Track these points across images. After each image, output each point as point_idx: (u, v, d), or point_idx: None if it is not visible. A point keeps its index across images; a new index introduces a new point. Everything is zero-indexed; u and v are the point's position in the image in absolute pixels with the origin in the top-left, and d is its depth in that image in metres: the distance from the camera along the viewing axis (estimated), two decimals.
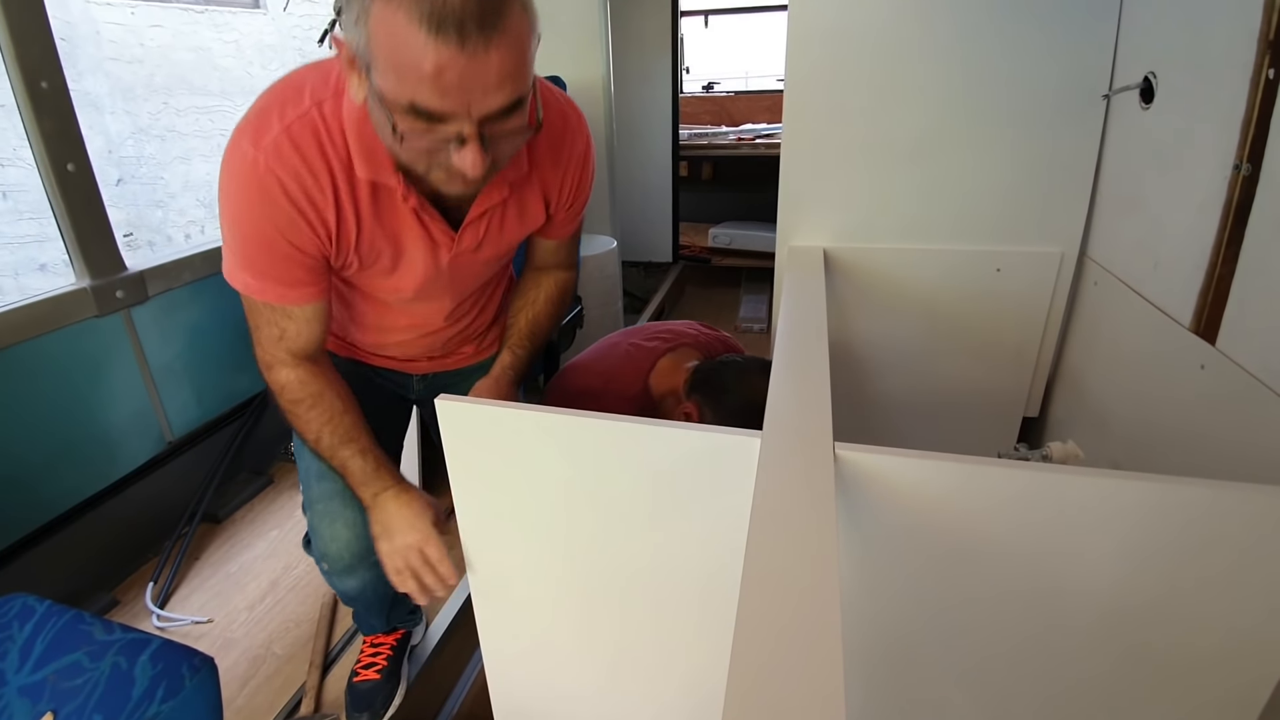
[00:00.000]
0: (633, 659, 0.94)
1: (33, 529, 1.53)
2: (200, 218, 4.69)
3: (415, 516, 0.94)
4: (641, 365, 1.26)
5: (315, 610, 1.59)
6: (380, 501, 0.96)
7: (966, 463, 0.67)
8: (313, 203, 0.83)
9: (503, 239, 0.99)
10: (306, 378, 0.94)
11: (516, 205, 0.97)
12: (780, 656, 0.47)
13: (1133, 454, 1.21)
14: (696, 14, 4.30)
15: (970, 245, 1.53)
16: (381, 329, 1.11)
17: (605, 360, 1.36)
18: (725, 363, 1.18)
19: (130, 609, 1.63)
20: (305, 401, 0.95)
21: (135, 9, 4.36)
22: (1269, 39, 0.88)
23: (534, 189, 0.98)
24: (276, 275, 0.86)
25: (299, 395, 0.94)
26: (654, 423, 0.76)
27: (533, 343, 1.12)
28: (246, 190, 0.81)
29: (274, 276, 0.87)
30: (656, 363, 1.29)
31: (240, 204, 0.82)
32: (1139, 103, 1.24)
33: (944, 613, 0.75)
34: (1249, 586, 0.65)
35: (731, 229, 3.85)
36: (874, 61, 1.44)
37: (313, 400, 0.95)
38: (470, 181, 0.76)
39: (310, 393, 0.94)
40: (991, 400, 1.66)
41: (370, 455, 0.97)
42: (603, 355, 1.39)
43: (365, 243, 0.90)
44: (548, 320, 1.14)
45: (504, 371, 1.07)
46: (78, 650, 0.84)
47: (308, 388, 0.94)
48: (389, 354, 1.17)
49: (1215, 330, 0.98)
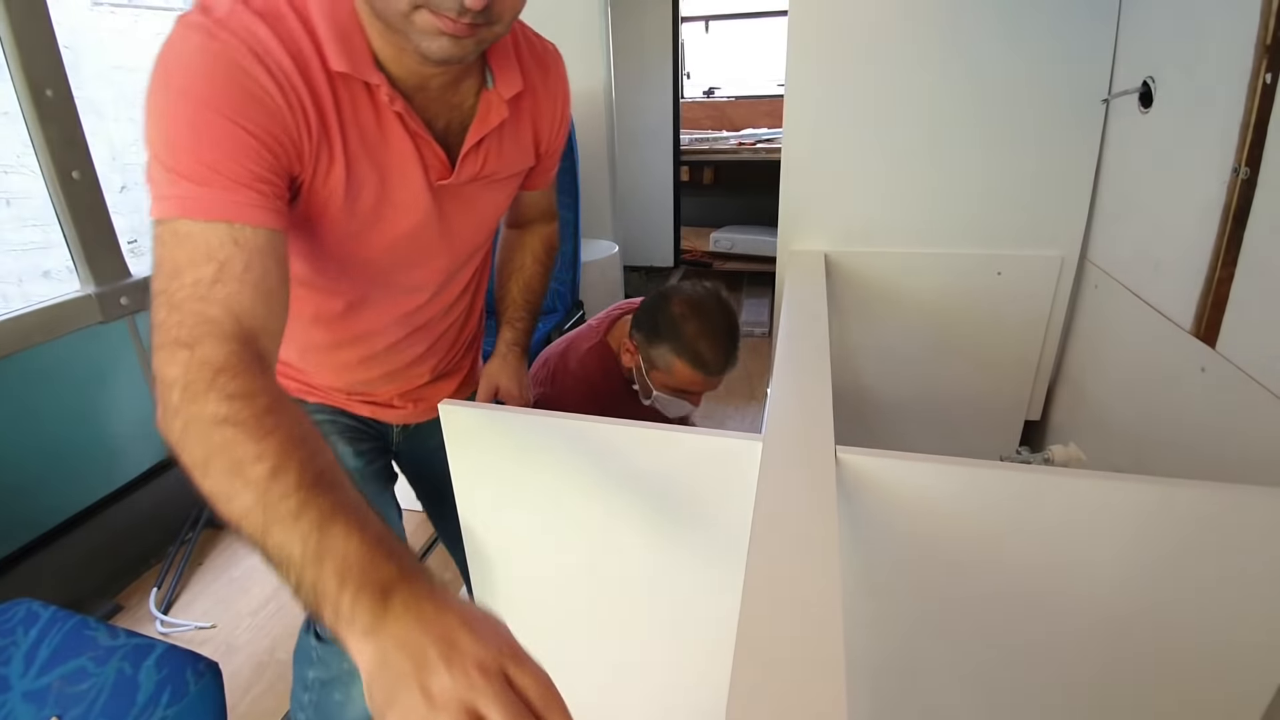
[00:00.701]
0: (635, 664, 0.94)
1: (37, 535, 1.54)
2: None
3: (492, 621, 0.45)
4: (600, 326, 1.31)
5: None
6: (410, 603, 0.42)
7: (968, 466, 0.67)
8: (287, 78, 0.62)
9: (501, 170, 0.83)
10: (251, 372, 0.53)
11: (513, 133, 0.83)
12: (782, 659, 0.47)
13: (1134, 456, 1.21)
14: (697, 19, 4.32)
15: (971, 249, 1.53)
16: (356, 340, 0.87)
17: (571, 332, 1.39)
18: (656, 294, 1.20)
19: (134, 614, 1.63)
20: (250, 417, 0.50)
21: (139, 17, 4.39)
22: (1266, 44, 0.89)
23: (525, 121, 0.85)
24: (228, 173, 0.58)
25: (240, 406, 0.50)
26: (655, 426, 0.76)
27: (530, 310, 1.05)
28: (192, 67, 0.58)
29: (225, 175, 0.58)
30: (615, 322, 1.31)
31: (184, 86, 0.58)
32: (1138, 107, 1.24)
33: (946, 615, 0.75)
34: (1251, 588, 0.65)
35: (733, 233, 3.86)
36: (874, 67, 1.45)
37: (265, 411, 0.50)
38: (461, 25, 0.59)
39: (260, 404, 0.51)
40: (993, 404, 1.66)
41: (374, 526, 0.47)
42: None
43: (350, 160, 0.69)
44: (540, 282, 1.06)
45: (509, 349, 1.01)
46: (82, 655, 0.84)
47: (253, 386, 0.52)
48: (363, 391, 0.95)
49: (1215, 333, 0.99)
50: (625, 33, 3.12)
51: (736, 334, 1.17)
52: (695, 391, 1.17)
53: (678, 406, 1.20)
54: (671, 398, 1.18)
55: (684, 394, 1.17)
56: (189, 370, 0.52)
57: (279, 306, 0.61)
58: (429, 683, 0.38)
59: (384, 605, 0.41)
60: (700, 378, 1.13)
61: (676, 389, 1.16)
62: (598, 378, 1.21)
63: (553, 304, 2.25)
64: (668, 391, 1.17)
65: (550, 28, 0.93)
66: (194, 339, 0.53)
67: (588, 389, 1.20)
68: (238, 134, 0.59)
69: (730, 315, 1.17)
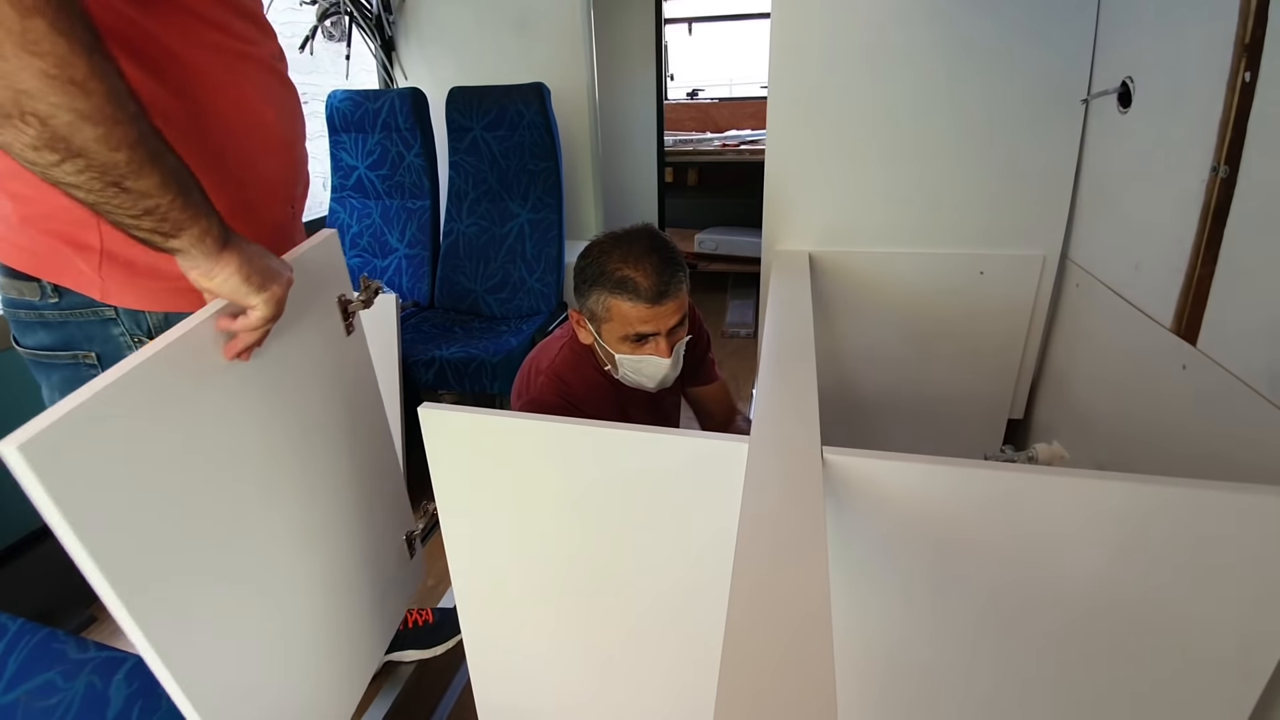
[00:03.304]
0: (620, 668, 0.93)
1: (6, 545, 1.50)
2: None
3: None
4: (570, 326, 1.23)
5: None
6: (240, 241, 0.65)
7: (954, 465, 0.66)
8: None
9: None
10: None
11: None
12: (770, 659, 0.46)
13: (1117, 454, 1.22)
14: (680, 21, 4.32)
15: (953, 249, 1.54)
16: None
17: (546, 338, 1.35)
18: (581, 255, 1.12)
19: (108, 626, 1.59)
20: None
21: None
22: (1245, 43, 0.89)
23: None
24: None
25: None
26: (639, 428, 0.75)
27: None
28: None
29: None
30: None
31: None
32: (1117, 107, 1.25)
33: (933, 614, 0.75)
34: (1234, 585, 0.65)
35: (717, 234, 3.86)
36: (856, 68, 1.45)
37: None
38: None
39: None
40: (977, 402, 1.67)
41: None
42: None
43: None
44: None
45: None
46: (51, 669, 0.81)
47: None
48: None
49: (1196, 331, 0.99)
50: (608, 34, 3.11)
51: (668, 253, 1.06)
52: (650, 333, 1.07)
53: (649, 367, 1.10)
54: (638, 358, 1.09)
55: (643, 340, 1.08)
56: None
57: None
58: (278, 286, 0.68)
59: (231, 239, 0.64)
60: (643, 309, 1.04)
61: (630, 336, 1.07)
62: (569, 373, 1.18)
63: (536, 306, 2.24)
64: (628, 348, 1.09)
65: (533, 30, 0.92)
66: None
67: (560, 384, 1.17)
68: None
69: (655, 237, 1.08)
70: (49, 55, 0.48)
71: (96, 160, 0.53)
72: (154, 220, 0.58)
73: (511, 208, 2.25)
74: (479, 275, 2.28)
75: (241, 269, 0.64)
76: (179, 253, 0.61)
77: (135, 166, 0.54)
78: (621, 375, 1.14)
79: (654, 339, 1.09)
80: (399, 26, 2.40)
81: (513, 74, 2.26)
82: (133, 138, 0.54)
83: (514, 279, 2.25)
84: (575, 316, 1.16)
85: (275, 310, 0.69)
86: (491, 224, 2.27)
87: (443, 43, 2.39)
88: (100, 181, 0.54)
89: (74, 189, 0.54)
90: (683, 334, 1.13)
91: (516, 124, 2.15)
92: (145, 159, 0.55)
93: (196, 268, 0.63)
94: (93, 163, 0.53)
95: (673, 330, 1.09)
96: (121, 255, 0.72)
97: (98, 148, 0.52)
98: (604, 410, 1.19)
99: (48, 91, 0.49)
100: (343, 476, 0.93)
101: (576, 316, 1.15)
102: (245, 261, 0.65)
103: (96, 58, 0.50)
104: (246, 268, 0.65)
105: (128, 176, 0.54)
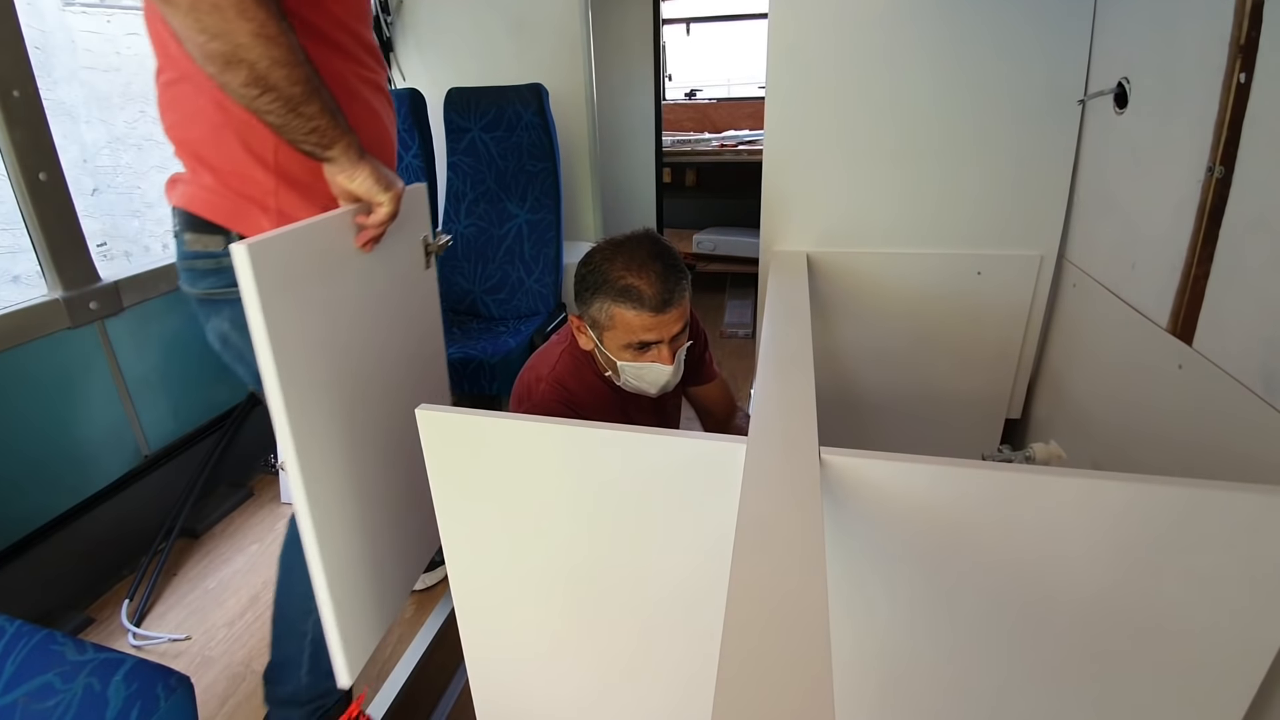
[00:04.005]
0: (619, 670, 0.93)
1: (4, 547, 1.50)
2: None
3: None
4: (567, 329, 1.23)
5: None
6: (371, 155, 0.91)
7: (951, 465, 0.67)
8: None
9: None
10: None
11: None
12: (768, 660, 0.46)
13: (1113, 453, 1.22)
14: (678, 22, 4.32)
15: (951, 249, 1.54)
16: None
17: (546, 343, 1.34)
18: (581, 262, 1.13)
19: (105, 628, 1.59)
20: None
21: (111, 17, 4.32)
22: (1239, 44, 0.90)
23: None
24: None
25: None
26: (636, 429, 0.75)
27: None
28: None
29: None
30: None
31: None
32: (1113, 107, 1.25)
33: (930, 613, 0.75)
34: (1229, 585, 0.65)
35: (715, 235, 3.86)
36: (854, 69, 1.45)
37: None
38: None
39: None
40: (975, 402, 1.67)
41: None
42: None
43: None
44: None
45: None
46: (49, 671, 0.81)
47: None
48: None
49: (1192, 330, 1.00)
50: (606, 35, 3.11)
51: (670, 260, 1.07)
52: (653, 341, 1.07)
53: (651, 374, 1.10)
54: (640, 364, 1.09)
55: (646, 348, 1.08)
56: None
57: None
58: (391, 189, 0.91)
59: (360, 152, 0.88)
60: (646, 317, 1.04)
61: (633, 344, 1.07)
62: (570, 379, 1.18)
63: (535, 306, 2.24)
64: (630, 355, 1.09)
65: (531, 30, 0.93)
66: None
67: (562, 391, 1.17)
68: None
69: (657, 243, 1.08)
70: (254, 20, 0.71)
71: (283, 93, 0.77)
72: (317, 136, 0.82)
73: (509, 208, 2.25)
74: (477, 276, 2.28)
75: (374, 173, 0.89)
76: (332, 160, 0.86)
77: (305, 97, 0.78)
78: (623, 381, 1.14)
79: (656, 346, 1.08)
80: (396, 27, 2.40)
81: (510, 75, 2.26)
82: (304, 76, 0.77)
83: (512, 280, 2.25)
84: (576, 322, 1.15)
85: (395, 208, 0.94)
86: (489, 225, 2.27)
87: (440, 44, 2.39)
88: (285, 108, 0.78)
89: (266, 114, 0.78)
90: (684, 340, 1.13)
91: (514, 125, 2.16)
92: (312, 92, 0.79)
93: (343, 171, 0.88)
94: (280, 94, 0.77)
95: (675, 337, 1.09)
96: (290, 216, 0.92)
97: (284, 84, 0.76)
98: (607, 414, 1.19)
99: (254, 44, 0.72)
100: (405, 369, 1.15)
101: (577, 322, 1.15)
102: (375, 168, 0.90)
103: (283, 22, 0.75)
104: (377, 173, 0.90)
105: (301, 104, 0.79)
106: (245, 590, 1.69)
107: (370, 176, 0.89)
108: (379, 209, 0.93)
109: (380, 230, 0.96)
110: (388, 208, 0.93)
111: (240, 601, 1.65)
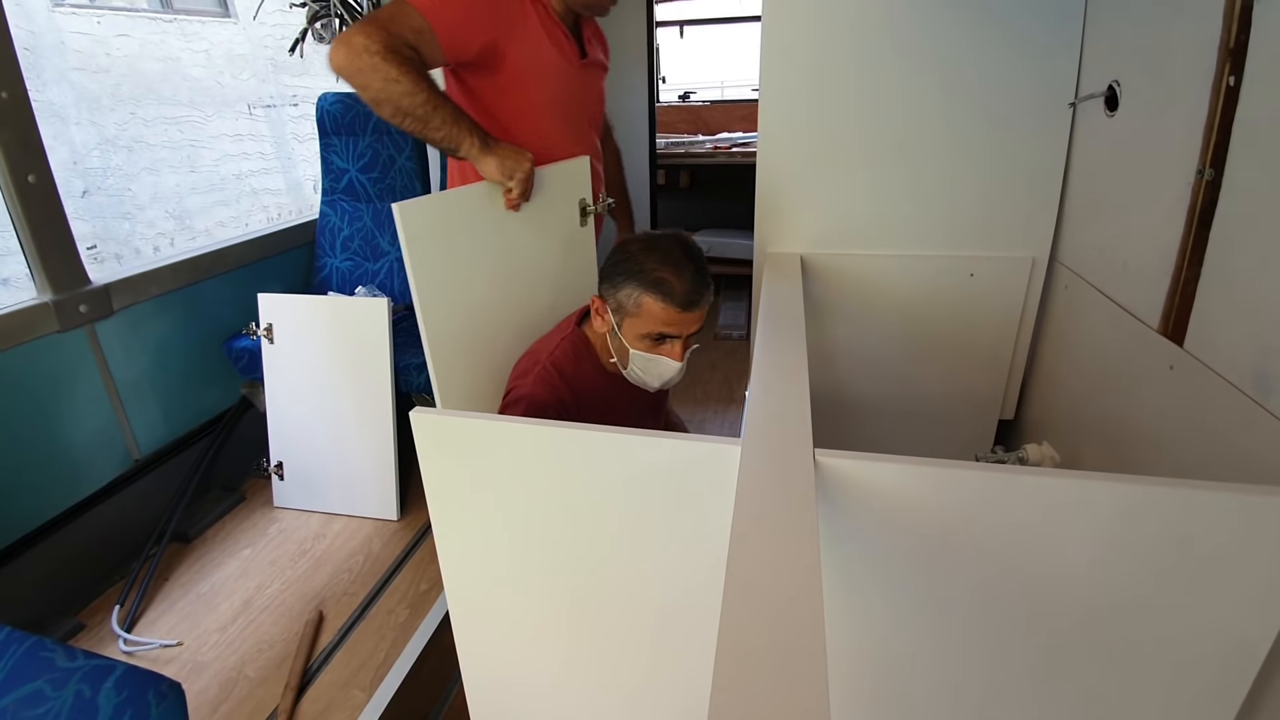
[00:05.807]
0: (615, 673, 0.93)
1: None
2: (169, 230, 4.60)
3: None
4: (573, 317, 1.28)
5: (289, 630, 1.55)
6: (497, 147, 1.18)
7: (945, 467, 0.67)
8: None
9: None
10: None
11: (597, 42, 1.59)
12: (764, 661, 0.46)
13: (1106, 454, 1.23)
14: (672, 24, 4.33)
15: (944, 250, 1.55)
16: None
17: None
18: (615, 246, 1.19)
19: (96, 634, 1.57)
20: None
21: (101, 18, 4.29)
22: (1229, 47, 0.90)
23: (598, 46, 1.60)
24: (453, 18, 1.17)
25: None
26: (632, 432, 0.75)
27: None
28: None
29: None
30: (587, 312, 1.28)
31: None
32: (1104, 110, 1.26)
33: (925, 614, 0.75)
34: (1221, 584, 0.66)
35: (710, 237, 3.86)
36: (846, 72, 1.46)
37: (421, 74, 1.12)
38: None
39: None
40: (968, 403, 1.68)
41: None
42: None
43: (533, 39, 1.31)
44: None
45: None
46: (39, 679, 0.80)
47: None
48: None
49: (1183, 332, 1.00)
50: None
51: (702, 264, 1.13)
52: (673, 335, 1.12)
53: (658, 366, 1.14)
54: (651, 356, 1.13)
55: (661, 341, 1.12)
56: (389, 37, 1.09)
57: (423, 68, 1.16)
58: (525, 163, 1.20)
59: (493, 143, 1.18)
60: (673, 312, 1.09)
61: (651, 335, 1.11)
62: (567, 365, 1.19)
63: None
64: (645, 345, 1.12)
65: None
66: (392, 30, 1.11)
67: (556, 376, 1.17)
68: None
69: (692, 247, 1.14)
70: (380, 71, 1.07)
71: (415, 115, 1.10)
72: (447, 141, 1.14)
73: None
74: None
75: (499, 164, 1.16)
76: (466, 156, 1.16)
77: (428, 114, 1.11)
78: (629, 370, 1.16)
79: (671, 341, 1.13)
80: None
81: None
82: (424, 100, 1.10)
83: None
84: (598, 304, 1.17)
85: (522, 188, 1.19)
86: None
87: None
88: (419, 124, 1.12)
89: (410, 131, 1.13)
90: (695, 342, 1.18)
91: None
92: (431, 111, 1.11)
93: (476, 163, 1.16)
94: (410, 115, 1.10)
95: (689, 337, 1.15)
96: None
97: (412, 109, 1.10)
98: (595, 405, 1.20)
99: (385, 87, 1.08)
100: (555, 300, 1.42)
101: (599, 304, 1.17)
102: (499, 161, 1.16)
103: (406, 67, 1.08)
104: (499, 165, 1.16)
105: (429, 120, 1.11)
106: (237, 595, 1.67)
107: (493, 166, 1.16)
108: (506, 194, 1.20)
109: (515, 201, 1.21)
110: (515, 191, 1.19)
111: (232, 607, 1.64)
